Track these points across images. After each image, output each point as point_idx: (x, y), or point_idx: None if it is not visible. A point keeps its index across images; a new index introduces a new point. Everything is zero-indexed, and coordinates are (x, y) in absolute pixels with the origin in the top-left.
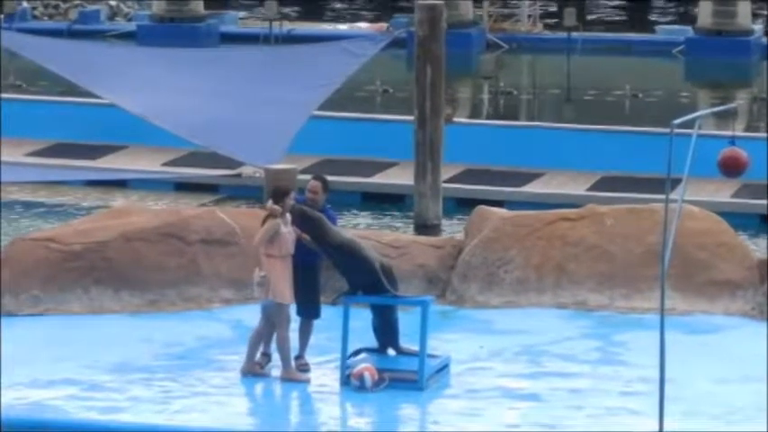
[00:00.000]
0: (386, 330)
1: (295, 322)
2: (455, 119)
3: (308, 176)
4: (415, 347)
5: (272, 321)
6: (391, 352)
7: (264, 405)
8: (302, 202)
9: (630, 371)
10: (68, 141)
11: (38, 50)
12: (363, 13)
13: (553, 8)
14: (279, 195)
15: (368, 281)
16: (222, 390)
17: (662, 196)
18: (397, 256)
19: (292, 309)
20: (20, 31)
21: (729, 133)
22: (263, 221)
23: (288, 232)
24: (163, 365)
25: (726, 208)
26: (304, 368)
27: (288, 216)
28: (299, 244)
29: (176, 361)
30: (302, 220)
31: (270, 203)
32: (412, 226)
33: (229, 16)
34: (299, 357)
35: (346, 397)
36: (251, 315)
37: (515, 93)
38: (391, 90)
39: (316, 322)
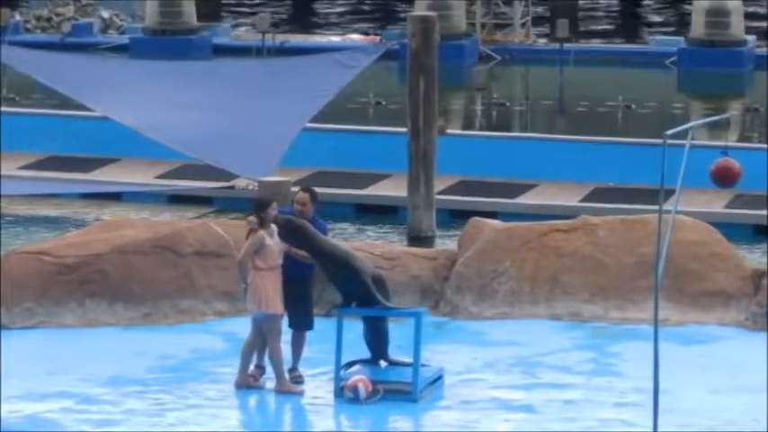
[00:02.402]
0: (376, 341)
1: (287, 334)
2: (448, 130)
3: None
4: (407, 359)
5: (264, 333)
6: (383, 363)
7: (258, 417)
8: (290, 214)
9: (624, 382)
10: (62, 154)
11: (31, 64)
12: (356, 25)
13: (546, 19)
14: (261, 207)
15: (359, 292)
16: (216, 402)
17: (655, 207)
18: (390, 267)
19: (284, 321)
20: (12, 44)
21: (722, 144)
22: (248, 235)
23: (274, 243)
24: (157, 378)
25: (719, 218)
26: (298, 380)
27: (273, 227)
28: (290, 255)
29: (170, 373)
30: (287, 230)
31: (251, 217)
32: (405, 238)
33: (222, 29)
34: (292, 370)
35: (340, 409)
36: (244, 327)
37: (508, 104)
38: (384, 102)
39: (309, 334)
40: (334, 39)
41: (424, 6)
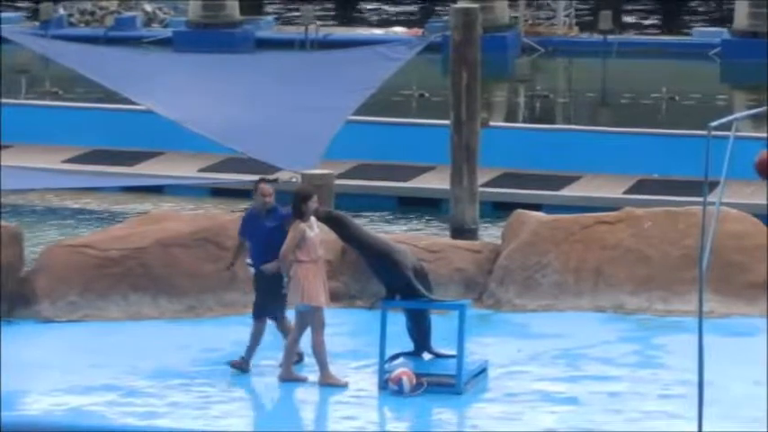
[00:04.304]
0: (419, 333)
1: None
2: (491, 122)
3: (344, 181)
4: (451, 351)
5: (306, 325)
6: (426, 355)
7: (303, 410)
8: (255, 209)
9: (669, 374)
10: (105, 148)
11: (74, 57)
12: (399, 17)
13: (588, 11)
14: (301, 199)
15: (400, 284)
16: (260, 395)
17: (699, 199)
18: (434, 260)
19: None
20: (56, 37)
21: (766, 135)
22: (289, 228)
23: (315, 235)
24: (201, 371)
25: (763, 210)
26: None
27: (313, 220)
28: (267, 249)
29: (214, 366)
30: (327, 222)
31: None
32: (448, 230)
33: (265, 22)
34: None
35: (384, 401)
36: (288, 320)
37: (551, 96)
38: (427, 94)
39: (353, 327)
40: (377, 31)
41: None
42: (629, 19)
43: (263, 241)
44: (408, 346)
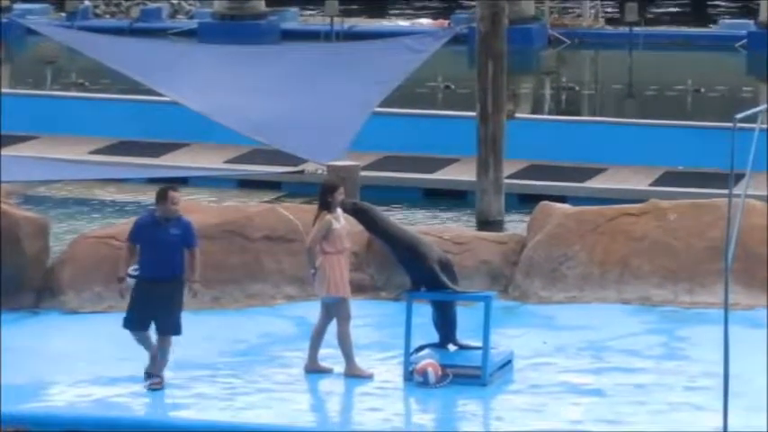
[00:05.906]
0: (445, 325)
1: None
2: (517, 114)
3: (370, 173)
4: (476, 343)
5: (332, 317)
6: (452, 347)
7: (328, 401)
8: (152, 216)
9: (694, 366)
10: (131, 139)
11: (100, 49)
12: (424, 9)
13: (615, 3)
14: (327, 191)
15: (426, 276)
16: (286, 386)
17: (725, 191)
18: (459, 252)
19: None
20: (82, 29)
21: None
22: (315, 220)
23: (341, 227)
24: (226, 362)
25: None
26: (155, 387)
27: (339, 211)
28: (159, 257)
29: (240, 358)
30: (354, 213)
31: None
32: (474, 222)
33: (290, 13)
34: (151, 375)
35: (410, 393)
36: (314, 311)
37: (577, 88)
38: (453, 86)
39: (377, 318)
40: (403, 23)
41: None
42: (655, 11)
43: (165, 249)
44: (434, 337)
